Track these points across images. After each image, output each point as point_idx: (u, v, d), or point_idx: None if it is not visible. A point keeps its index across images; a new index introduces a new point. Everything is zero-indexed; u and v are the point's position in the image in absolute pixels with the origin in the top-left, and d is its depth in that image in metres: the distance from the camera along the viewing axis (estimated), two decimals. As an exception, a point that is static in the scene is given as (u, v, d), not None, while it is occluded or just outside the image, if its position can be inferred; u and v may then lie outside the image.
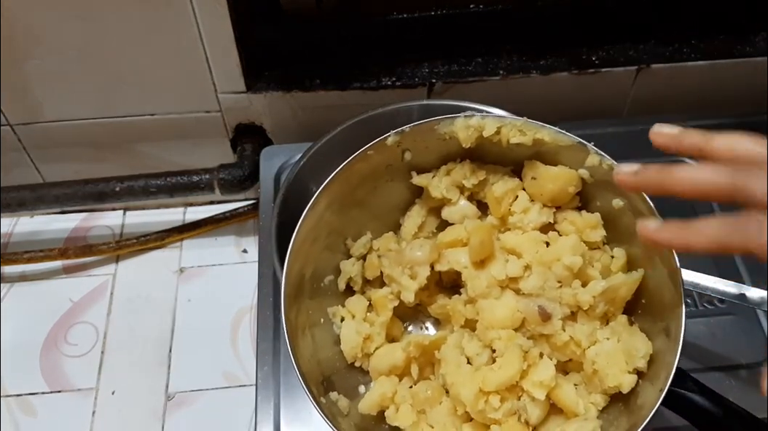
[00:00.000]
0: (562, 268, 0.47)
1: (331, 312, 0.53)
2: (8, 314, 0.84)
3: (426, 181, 0.53)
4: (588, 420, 0.46)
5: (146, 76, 0.77)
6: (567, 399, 0.46)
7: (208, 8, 0.70)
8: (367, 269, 0.54)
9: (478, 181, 0.52)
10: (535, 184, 0.50)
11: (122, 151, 0.87)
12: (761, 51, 0.79)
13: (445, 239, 0.52)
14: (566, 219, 0.51)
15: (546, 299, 0.47)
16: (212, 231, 0.91)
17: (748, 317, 0.65)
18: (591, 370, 0.47)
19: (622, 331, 0.47)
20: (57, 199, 0.82)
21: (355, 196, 0.53)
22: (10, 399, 0.78)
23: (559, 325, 0.47)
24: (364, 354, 0.51)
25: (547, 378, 0.46)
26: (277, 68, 0.80)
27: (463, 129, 0.50)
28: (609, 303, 0.47)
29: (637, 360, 0.45)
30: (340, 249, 0.54)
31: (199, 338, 0.82)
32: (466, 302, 0.51)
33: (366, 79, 0.78)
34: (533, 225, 0.51)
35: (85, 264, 0.88)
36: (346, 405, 0.50)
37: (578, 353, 0.47)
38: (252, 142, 0.84)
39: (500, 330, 0.48)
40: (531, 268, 0.49)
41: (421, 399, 0.49)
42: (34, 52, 0.74)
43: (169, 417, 0.77)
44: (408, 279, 0.51)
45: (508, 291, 0.50)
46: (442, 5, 0.77)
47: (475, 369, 0.47)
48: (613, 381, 0.46)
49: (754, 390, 0.60)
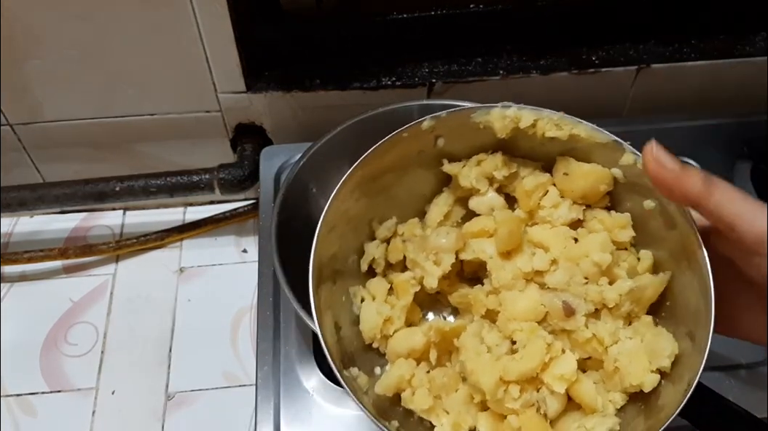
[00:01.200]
0: (590, 265, 0.47)
1: (352, 292, 0.53)
2: (8, 314, 0.84)
3: (456, 170, 0.52)
4: (606, 416, 0.46)
5: (146, 76, 0.77)
6: (586, 395, 0.46)
7: (208, 8, 0.70)
8: (390, 252, 0.54)
9: (509, 173, 0.51)
10: (567, 179, 0.50)
11: (122, 151, 0.87)
12: (761, 51, 0.79)
13: (472, 228, 0.51)
14: (595, 217, 0.50)
15: (571, 295, 0.47)
16: (212, 231, 0.91)
17: (748, 317, 0.65)
18: (612, 368, 0.46)
19: (646, 332, 0.47)
20: (57, 199, 0.82)
21: (384, 178, 0.52)
22: (10, 399, 0.78)
23: (582, 321, 0.47)
24: (383, 335, 0.51)
25: (568, 372, 0.45)
26: (277, 68, 0.80)
27: (499, 119, 0.49)
28: (634, 302, 0.47)
29: (662, 360, 0.45)
30: (365, 230, 0.54)
31: (199, 338, 0.82)
32: (488, 292, 0.51)
33: (366, 79, 0.78)
34: (562, 221, 0.50)
35: (85, 264, 0.88)
36: (365, 382, 0.49)
37: (600, 350, 0.47)
38: (252, 142, 0.84)
39: (522, 323, 0.48)
40: (558, 263, 0.48)
41: (438, 385, 0.48)
42: (34, 52, 0.74)
43: (169, 417, 0.77)
44: (432, 265, 0.51)
45: (533, 285, 0.49)
46: (442, 5, 0.77)
47: (495, 359, 0.47)
48: (636, 379, 0.45)
49: (754, 390, 0.60)
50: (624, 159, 0.47)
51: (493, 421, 0.47)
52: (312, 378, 0.63)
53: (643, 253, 0.49)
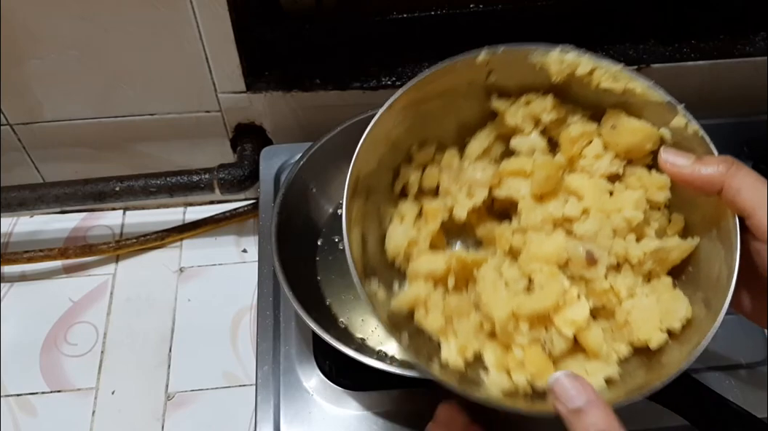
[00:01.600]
0: (621, 220, 0.47)
1: (382, 211, 0.53)
2: (8, 314, 0.84)
3: (504, 107, 0.52)
4: (608, 364, 0.46)
5: (146, 76, 0.77)
6: (593, 341, 0.46)
7: (208, 8, 0.70)
8: (425, 178, 0.54)
9: (557, 118, 0.51)
10: (614, 133, 0.49)
11: (122, 151, 0.87)
12: (761, 51, 0.79)
13: (510, 167, 0.51)
14: (635, 174, 0.50)
15: (596, 245, 0.47)
16: (212, 231, 0.91)
17: (748, 317, 0.65)
18: (623, 320, 0.47)
19: (663, 292, 0.47)
20: (57, 199, 0.82)
21: (431, 105, 0.52)
22: (10, 399, 0.78)
23: (602, 272, 0.47)
24: (406, 256, 0.52)
25: (580, 318, 0.46)
26: (277, 68, 0.80)
27: (556, 62, 0.48)
28: (657, 263, 0.47)
29: (674, 321, 0.45)
30: (404, 153, 0.54)
31: (199, 338, 0.82)
32: (515, 231, 0.51)
33: (366, 79, 0.78)
34: (601, 173, 0.50)
35: (85, 264, 0.89)
36: (383, 295, 0.50)
37: (614, 302, 0.47)
38: (252, 142, 0.84)
39: (543, 264, 0.48)
40: (589, 213, 0.48)
41: (452, 309, 0.49)
42: (34, 52, 0.74)
43: (169, 417, 0.77)
44: (464, 196, 0.51)
45: (560, 230, 0.49)
46: (442, 5, 0.77)
47: (511, 294, 0.48)
48: (644, 334, 0.45)
49: (754, 390, 0.60)
50: (675, 121, 0.47)
51: (498, 351, 0.48)
52: (312, 378, 0.63)
53: (675, 216, 0.49)
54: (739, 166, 0.41)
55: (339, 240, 0.72)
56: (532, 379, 0.46)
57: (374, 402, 0.61)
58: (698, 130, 0.46)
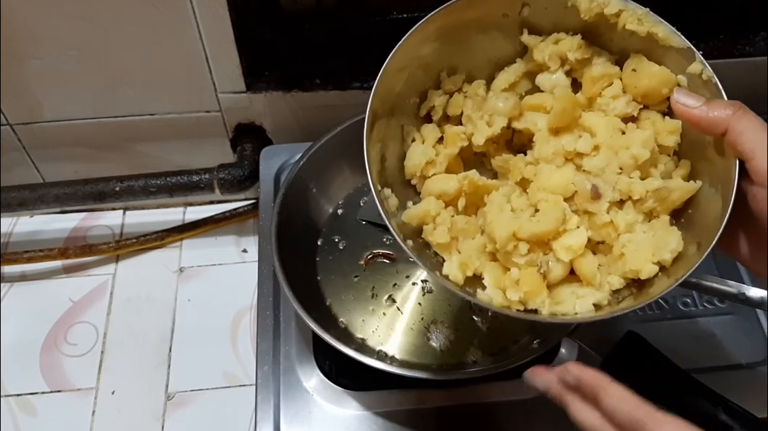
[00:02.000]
0: (628, 157, 0.49)
1: (406, 131, 0.55)
2: (8, 314, 0.84)
3: (534, 42, 0.54)
4: (599, 291, 0.48)
5: (146, 76, 0.77)
6: (588, 270, 0.49)
7: (208, 8, 0.70)
8: (450, 105, 0.56)
9: (583, 57, 0.53)
10: (634, 76, 0.51)
11: (122, 151, 0.87)
12: (761, 51, 0.79)
13: (531, 101, 0.53)
14: (649, 118, 0.51)
15: (602, 180, 0.49)
16: (212, 231, 0.91)
17: (748, 317, 0.65)
18: (618, 253, 0.48)
19: (660, 229, 0.49)
20: (57, 199, 0.82)
21: (463, 32, 0.54)
22: (10, 399, 0.78)
23: (605, 207, 0.49)
24: (422, 175, 0.54)
25: (576, 244, 0.48)
26: (277, 68, 0.80)
27: (586, 0, 0.50)
28: (659, 202, 0.49)
29: (664, 253, 0.47)
30: (433, 78, 0.56)
31: (199, 338, 0.82)
32: (528, 163, 0.53)
33: (366, 79, 0.78)
34: (617, 113, 0.51)
35: (85, 264, 0.89)
36: (395, 204, 0.52)
37: (612, 236, 0.49)
38: (252, 142, 0.84)
39: (549, 194, 0.50)
40: (599, 149, 0.50)
41: (458, 228, 0.51)
42: (34, 52, 0.74)
43: (169, 417, 0.77)
44: (484, 124, 0.53)
45: (570, 164, 0.51)
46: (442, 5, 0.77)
47: (515, 218, 0.50)
48: (635, 265, 0.47)
49: (754, 390, 0.60)
50: (692, 67, 0.48)
51: (497, 271, 0.50)
52: (312, 378, 0.63)
53: (683, 162, 0.51)
54: (745, 111, 0.43)
55: (339, 240, 0.72)
56: (525, 298, 0.48)
57: (374, 402, 0.61)
58: (712, 77, 0.47)
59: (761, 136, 0.41)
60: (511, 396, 0.61)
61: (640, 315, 0.65)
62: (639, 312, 0.65)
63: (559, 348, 0.63)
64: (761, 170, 0.41)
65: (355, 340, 0.65)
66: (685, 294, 0.66)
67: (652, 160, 0.49)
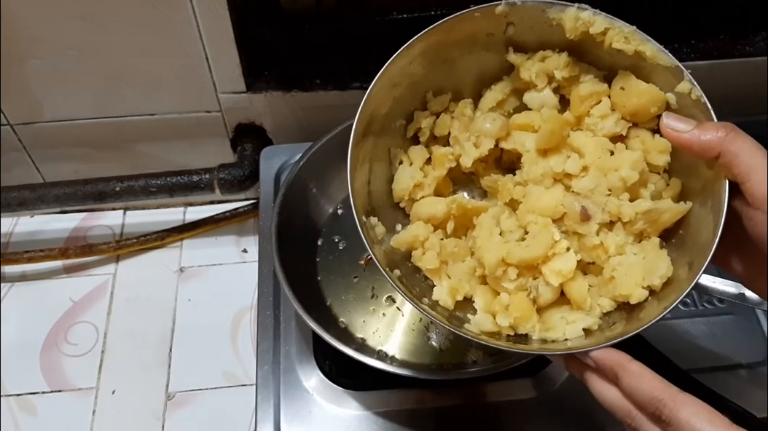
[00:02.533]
0: (617, 179, 0.48)
1: (393, 153, 0.55)
2: (8, 314, 0.84)
3: (520, 60, 0.53)
4: (589, 315, 0.48)
5: (146, 76, 0.77)
6: (578, 294, 0.48)
7: (208, 8, 0.70)
8: (437, 125, 0.55)
9: (570, 75, 0.52)
10: (622, 94, 0.51)
11: (122, 151, 0.87)
12: (761, 51, 0.79)
13: (518, 121, 0.53)
14: (638, 137, 0.51)
15: (591, 202, 0.49)
16: (212, 231, 0.92)
17: (748, 317, 0.65)
18: (609, 276, 0.48)
19: (650, 251, 0.49)
20: (57, 199, 0.82)
21: (448, 53, 0.53)
22: (10, 399, 0.78)
23: (595, 228, 0.49)
24: (410, 198, 0.54)
25: (566, 269, 0.48)
26: (277, 68, 0.80)
27: (572, 19, 0.50)
28: (649, 223, 0.49)
29: (654, 278, 0.47)
30: (419, 99, 0.56)
31: (199, 338, 0.82)
32: (516, 183, 0.53)
33: (366, 79, 0.78)
34: (605, 132, 0.51)
35: (86, 263, 0.89)
36: (382, 232, 0.52)
37: (602, 258, 0.49)
38: (252, 142, 0.84)
39: (538, 216, 0.50)
40: (588, 170, 0.50)
41: (448, 252, 0.51)
42: (34, 52, 0.74)
43: (169, 416, 0.77)
44: (471, 146, 0.53)
45: (560, 185, 0.51)
46: (442, 5, 0.77)
47: (504, 242, 0.50)
48: (625, 290, 0.47)
49: (754, 390, 0.60)
50: (681, 86, 0.48)
51: (488, 295, 0.50)
52: (312, 378, 0.63)
53: (674, 181, 0.50)
54: (738, 133, 0.42)
55: (339, 240, 0.72)
56: (515, 323, 0.48)
57: (374, 402, 0.61)
58: (701, 96, 0.47)
59: (756, 158, 0.41)
60: (511, 396, 0.61)
61: (640, 315, 0.65)
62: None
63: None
64: (758, 193, 0.40)
65: (355, 340, 0.65)
66: (686, 295, 0.67)
67: (642, 180, 0.49)
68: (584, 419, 0.60)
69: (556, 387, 0.61)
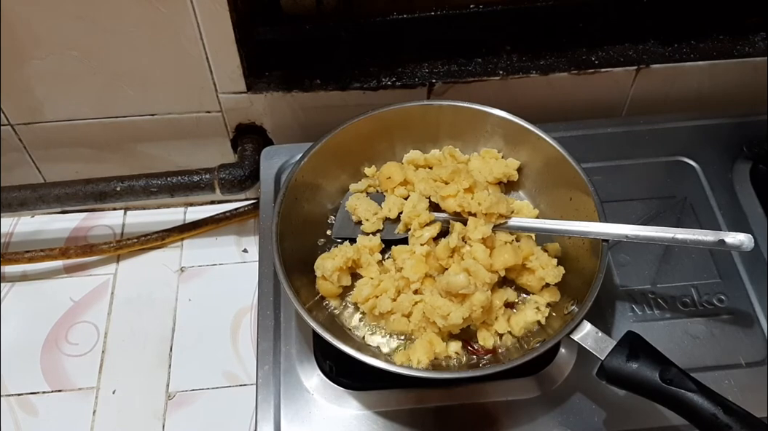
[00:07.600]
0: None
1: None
2: (9, 313, 0.84)
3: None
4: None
5: (146, 77, 0.77)
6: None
7: (208, 9, 0.70)
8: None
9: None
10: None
11: (123, 151, 0.87)
12: (761, 51, 0.79)
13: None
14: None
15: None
16: (212, 231, 0.92)
17: (748, 317, 0.65)
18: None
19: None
20: (58, 199, 0.82)
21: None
22: (11, 399, 0.78)
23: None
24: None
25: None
26: (278, 68, 0.80)
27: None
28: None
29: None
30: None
31: (200, 338, 0.82)
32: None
33: (366, 79, 0.78)
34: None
35: (86, 263, 0.89)
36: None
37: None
38: (252, 142, 0.84)
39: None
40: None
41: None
42: (34, 52, 0.74)
43: (169, 416, 0.77)
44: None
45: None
46: (442, 5, 0.77)
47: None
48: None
49: (754, 390, 0.60)
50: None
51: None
52: (312, 378, 0.63)
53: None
54: None
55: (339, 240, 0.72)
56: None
57: (374, 402, 0.62)
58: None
59: None
60: (512, 395, 0.61)
61: (640, 315, 0.65)
62: (639, 312, 0.65)
63: (559, 348, 0.63)
64: None
65: (356, 340, 0.65)
66: (684, 294, 0.67)
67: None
68: (584, 419, 0.60)
69: (557, 387, 0.61)
